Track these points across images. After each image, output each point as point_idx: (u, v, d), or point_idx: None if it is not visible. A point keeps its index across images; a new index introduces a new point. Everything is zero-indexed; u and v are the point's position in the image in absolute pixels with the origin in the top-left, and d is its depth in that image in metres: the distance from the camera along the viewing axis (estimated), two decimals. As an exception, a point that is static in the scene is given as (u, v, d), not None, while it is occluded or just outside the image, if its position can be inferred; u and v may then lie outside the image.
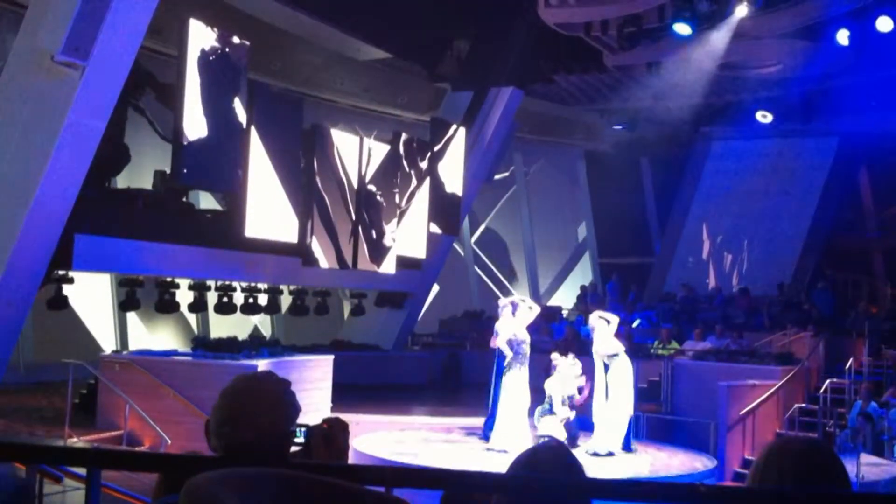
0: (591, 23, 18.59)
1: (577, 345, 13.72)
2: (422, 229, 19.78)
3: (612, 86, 22.78)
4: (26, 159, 12.15)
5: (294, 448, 2.88)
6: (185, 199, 16.20)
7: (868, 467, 12.01)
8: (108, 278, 18.23)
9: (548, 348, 14.67)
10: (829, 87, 20.97)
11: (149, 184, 15.64)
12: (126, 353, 14.46)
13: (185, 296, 17.03)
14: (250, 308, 17.99)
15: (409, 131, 20.23)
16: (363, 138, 18.12)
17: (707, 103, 22.44)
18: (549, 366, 13.60)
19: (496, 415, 12.93)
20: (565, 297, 26.22)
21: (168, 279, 16.43)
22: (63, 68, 11.85)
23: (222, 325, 18.92)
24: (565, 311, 23.50)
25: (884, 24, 17.39)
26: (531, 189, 27.22)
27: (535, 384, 13.35)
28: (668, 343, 18.67)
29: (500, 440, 12.60)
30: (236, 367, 12.64)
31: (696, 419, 14.68)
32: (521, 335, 13.07)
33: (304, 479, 2.09)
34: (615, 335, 13.24)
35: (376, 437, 13.10)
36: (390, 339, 21.10)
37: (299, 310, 18.92)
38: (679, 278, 24.50)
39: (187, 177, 14.66)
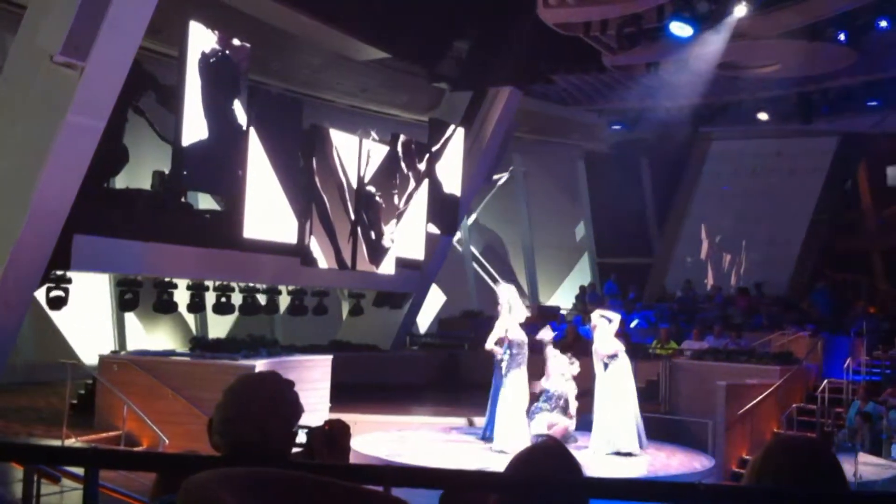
0: (590, 23, 18.57)
1: (578, 346, 13.70)
2: (420, 230, 19.78)
3: (611, 86, 22.78)
4: (25, 159, 12.15)
5: (295, 449, 2.88)
6: (184, 200, 16.20)
7: (866, 466, 12.02)
8: (106, 279, 18.22)
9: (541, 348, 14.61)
10: (828, 88, 20.98)
11: (147, 184, 15.63)
12: (124, 354, 14.46)
13: (183, 296, 17.02)
14: (249, 308, 17.98)
15: (408, 131, 20.23)
16: (362, 139, 18.13)
17: (706, 103, 22.44)
18: (545, 365, 13.56)
19: (495, 415, 12.93)
20: (564, 298, 26.22)
21: (166, 279, 16.42)
22: (62, 68, 11.85)
23: (220, 326, 18.93)
24: (564, 311, 23.50)
25: (883, 25, 17.40)
26: (530, 189, 27.22)
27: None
28: (667, 343, 18.68)
29: (499, 441, 12.61)
30: (234, 368, 12.62)
31: (695, 419, 14.69)
32: (520, 336, 13.07)
33: (302, 478, 2.09)
34: (615, 335, 13.23)
35: (375, 438, 13.10)
36: (389, 339, 21.08)
37: (298, 310, 18.92)
38: (678, 278, 24.53)
39: (187, 179, 14.66)
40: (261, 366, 12.64)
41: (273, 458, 2.44)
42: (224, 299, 17.43)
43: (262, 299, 18.09)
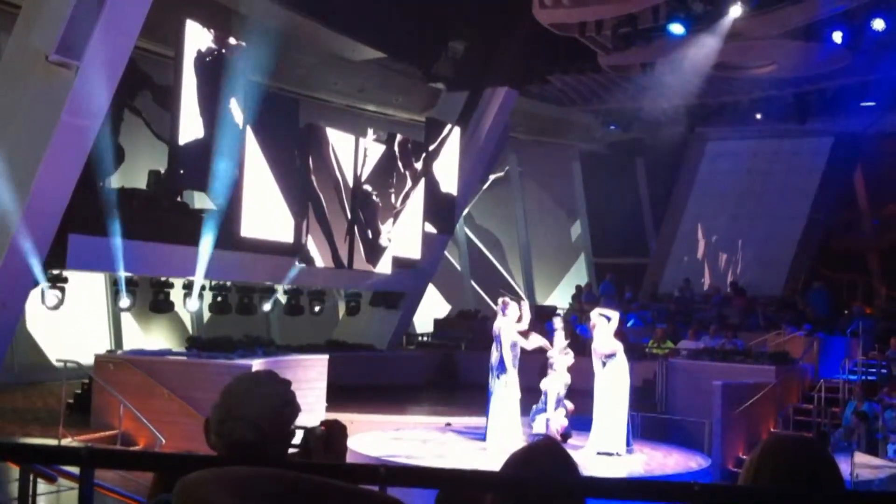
0: (585, 23, 18.57)
1: (575, 346, 13.69)
2: (417, 229, 19.78)
3: (606, 86, 22.79)
4: (21, 159, 12.13)
5: (291, 449, 2.88)
6: (180, 199, 16.18)
7: (862, 466, 12.03)
8: (102, 278, 18.19)
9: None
10: (824, 88, 21.00)
11: (143, 183, 15.62)
12: (120, 353, 14.45)
13: (179, 295, 17.00)
14: (245, 308, 17.96)
15: (405, 131, 20.23)
16: (359, 138, 18.13)
17: (702, 104, 22.45)
18: (544, 364, 13.56)
19: (490, 415, 12.93)
20: (560, 298, 26.22)
21: (162, 279, 16.41)
22: (57, 68, 11.83)
23: (217, 325, 18.90)
24: (561, 312, 23.47)
25: (878, 25, 17.42)
26: (526, 189, 27.22)
27: (532, 383, 13.35)
28: (663, 342, 18.69)
29: (494, 440, 12.61)
30: (231, 367, 12.62)
31: (691, 418, 14.70)
32: (516, 336, 13.10)
33: (297, 478, 2.08)
34: (615, 334, 13.20)
35: (371, 437, 13.10)
36: (385, 339, 21.08)
37: (294, 309, 18.90)
38: (674, 278, 24.54)
39: (184, 178, 14.64)
40: (257, 365, 12.63)
41: (269, 458, 2.43)
42: (220, 298, 17.43)
43: (257, 299, 18.10)
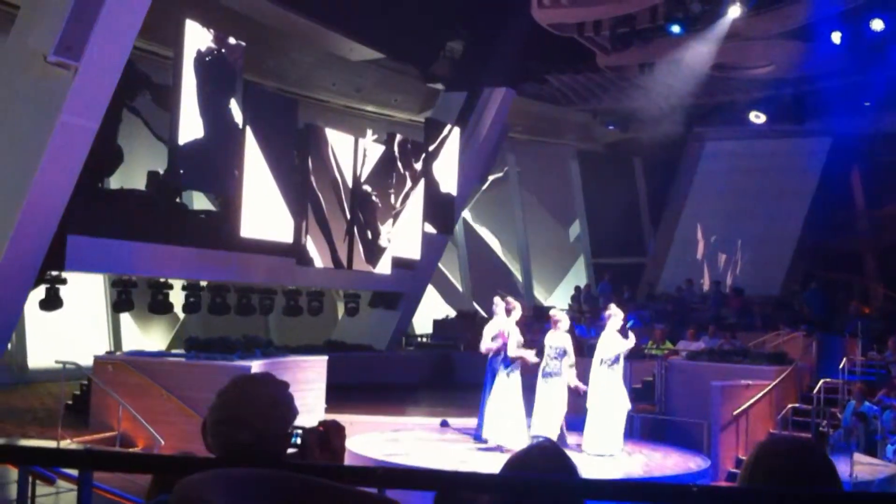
0: (583, 23, 18.61)
1: (576, 346, 13.64)
2: (416, 230, 19.77)
3: (604, 86, 22.82)
4: (19, 160, 12.12)
5: (290, 451, 2.87)
6: (179, 200, 16.18)
7: (861, 467, 12.03)
8: (101, 279, 18.19)
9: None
10: (822, 88, 21.02)
11: (142, 184, 15.61)
12: (119, 354, 14.43)
13: (178, 296, 16.99)
14: (244, 309, 17.96)
15: (404, 132, 20.23)
16: (358, 138, 18.12)
17: (700, 104, 22.48)
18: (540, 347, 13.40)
19: (485, 413, 12.88)
20: (560, 298, 26.22)
21: (161, 280, 16.40)
22: (55, 68, 11.82)
23: (216, 326, 18.89)
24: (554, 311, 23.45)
25: (876, 25, 17.44)
26: (524, 189, 27.22)
27: (530, 382, 13.33)
28: (662, 343, 18.68)
29: (494, 437, 12.56)
30: (229, 368, 12.59)
31: (690, 419, 14.68)
32: (520, 338, 13.07)
33: (294, 479, 2.09)
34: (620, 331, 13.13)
35: (370, 438, 13.09)
36: (384, 339, 21.07)
37: (293, 310, 18.90)
38: (672, 278, 24.52)
39: (183, 178, 14.63)
40: (255, 366, 12.61)
41: (268, 460, 2.43)
42: (219, 300, 17.42)
43: (256, 300, 18.10)
